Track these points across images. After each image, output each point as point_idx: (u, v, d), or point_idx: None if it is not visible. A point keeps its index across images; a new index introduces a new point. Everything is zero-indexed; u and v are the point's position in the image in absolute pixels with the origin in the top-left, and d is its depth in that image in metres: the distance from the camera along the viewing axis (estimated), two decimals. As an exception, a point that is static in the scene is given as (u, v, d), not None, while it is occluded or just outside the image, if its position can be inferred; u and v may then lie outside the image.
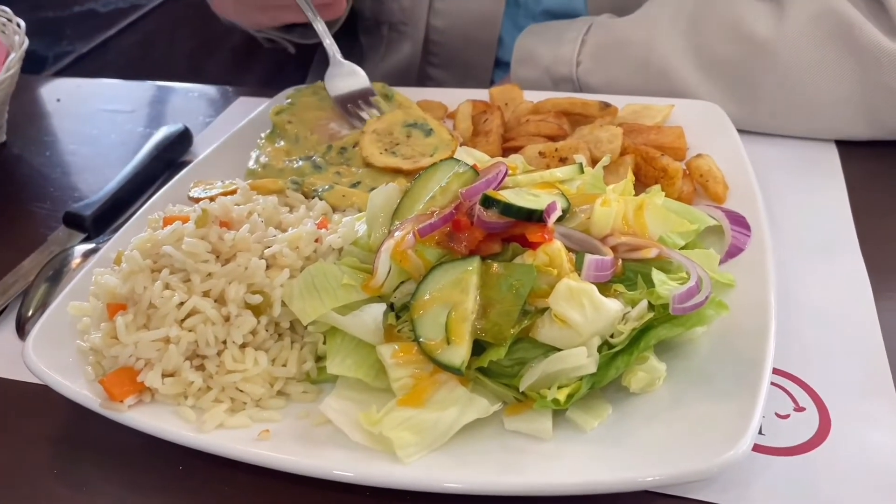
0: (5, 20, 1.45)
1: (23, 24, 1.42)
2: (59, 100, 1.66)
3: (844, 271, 0.99)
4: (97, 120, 1.56)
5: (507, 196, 0.83)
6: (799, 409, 0.82)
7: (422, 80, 1.69)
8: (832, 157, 1.21)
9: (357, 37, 1.82)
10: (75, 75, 2.08)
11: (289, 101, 1.30)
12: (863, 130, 1.20)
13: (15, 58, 1.33)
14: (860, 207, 1.09)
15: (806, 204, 1.11)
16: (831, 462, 0.76)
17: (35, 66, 1.97)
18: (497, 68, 1.62)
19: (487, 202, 0.81)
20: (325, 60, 1.89)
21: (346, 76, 1.29)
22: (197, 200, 1.09)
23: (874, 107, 1.17)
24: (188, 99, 1.63)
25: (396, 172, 1.12)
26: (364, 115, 1.24)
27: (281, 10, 1.33)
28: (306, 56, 2.08)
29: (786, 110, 1.22)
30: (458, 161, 0.92)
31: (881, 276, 0.98)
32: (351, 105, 1.26)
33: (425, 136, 1.17)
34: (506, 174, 0.89)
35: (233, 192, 1.05)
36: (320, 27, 1.30)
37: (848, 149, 1.22)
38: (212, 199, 1.08)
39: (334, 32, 1.57)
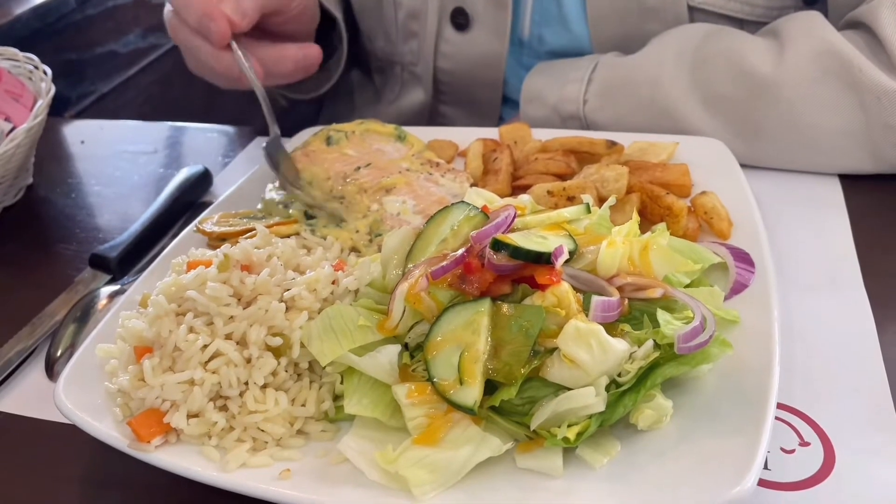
0: (32, 67, 1.50)
1: (49, 71, 1.47)
2: (82, 142, 1.71)
3: (848, 306, 1.01)
4: (119, 161, 1.61)
5: (516, 239, 0.85)
6: (804, 443, 0.84)
7: (433, 116, 1.73)
8: (835, 190, 1.23)
9: (370, 75, 1.87)
10: (97, 114, 2.15)
11: (303, 143, 1.34)
12: (866, 165, 1.23)
13: (42, 105, 1.38)
14: (863, 242, 1.11)
15: (810, 238, 1.13)
16: (836, 496, 0.78)
17: (59, 105, 2.03)
18: (504, 105, 1.66)
19: (497, 245, 0.84)
20: (339, 96, 1.96)
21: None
22: (206, 233, 1.12)
23: (876, 143, 1.19)
24: (207, 139, 1.68)
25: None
26: None
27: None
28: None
29: (789, 146, 1.25)
30: (469, 205, 0.96)
31: (884, 310, 1.00)
32: None
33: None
34: (515, 217, 0.92)
35: (245, 232, 1.09)
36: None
37: (851, 182, 1.24)
38: (223, 235, 1.12)
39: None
